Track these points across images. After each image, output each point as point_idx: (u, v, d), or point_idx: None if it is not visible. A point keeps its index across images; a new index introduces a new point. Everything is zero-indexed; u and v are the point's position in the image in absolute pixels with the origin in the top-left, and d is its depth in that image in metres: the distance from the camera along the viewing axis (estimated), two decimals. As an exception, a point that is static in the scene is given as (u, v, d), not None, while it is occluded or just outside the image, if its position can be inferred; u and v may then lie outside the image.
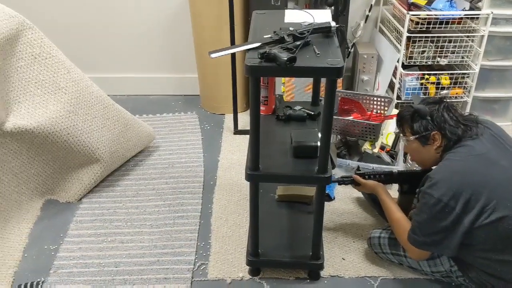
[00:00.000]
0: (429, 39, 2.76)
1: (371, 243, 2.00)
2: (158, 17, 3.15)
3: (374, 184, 2.02)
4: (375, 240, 1.97)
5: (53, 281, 1.93)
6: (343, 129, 2.56)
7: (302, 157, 1.76)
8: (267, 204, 2.22)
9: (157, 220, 2.25)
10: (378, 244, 1.96)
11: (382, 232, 1.97)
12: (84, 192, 2.39)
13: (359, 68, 3.07)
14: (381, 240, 1.96)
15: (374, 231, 2.01)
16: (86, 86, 2.32)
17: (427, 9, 2.72)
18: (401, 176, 2.07)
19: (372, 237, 1.99)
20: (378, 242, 1.96)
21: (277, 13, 1.88)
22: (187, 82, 3.36)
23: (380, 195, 1.96)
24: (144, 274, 1.96)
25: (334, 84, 1.51)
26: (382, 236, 1.96)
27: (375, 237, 1.98)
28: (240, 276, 1.96)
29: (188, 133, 2.96)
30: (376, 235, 1.98)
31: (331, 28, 1.65)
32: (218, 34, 2.84)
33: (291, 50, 1.49)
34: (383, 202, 1.94)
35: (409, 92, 2.86)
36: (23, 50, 2.15)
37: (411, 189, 2.02)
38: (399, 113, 1.89)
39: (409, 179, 2.04)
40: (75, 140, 2.24)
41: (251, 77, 1.50)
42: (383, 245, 1.95)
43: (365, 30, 3.17)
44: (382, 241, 1.95)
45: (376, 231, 2.00)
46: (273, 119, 2.01)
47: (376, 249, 1.98)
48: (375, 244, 1.98)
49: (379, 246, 1.96)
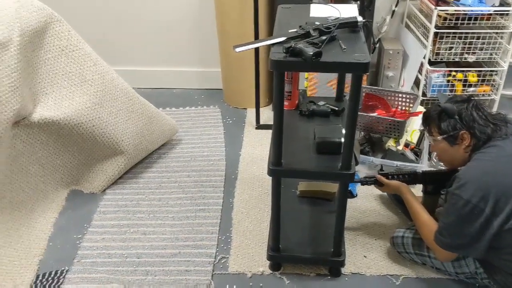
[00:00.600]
0: (457, 35, 2.70)
1: (394, 243, 1.97)
2: (182, 11, 3.16)
3: (398, 184, 1.98)
4: (399, 240, 1.95)
5: (77, 270, 1.96)
6: (367, 125, 2.54)
7: (325, 153, 1.75)
8: (289, 199, 2.21)
9: (179, 212, 2.27)
10: (401, 243, 1.94)
11: (405, 232, 1.95)
12: (108, 183, 2.42)
13: (384, 64, 3.03)
14: (404, 239, 1.93)
15: (398, 230, 1.98)
16: (111, 78, 2.35)
17: (455, 4, 2.66)
18: (425, 176, 2.03)
19: (395, 237, 1.97)
20: (401, 241, 1.94)
21: (303, 7, 1.86)
22: (210, 76, 3.37)
23: (405, 195, 1.93)
24: (166, 265, 1.98)
25: (359, 80, 1.49)
26: (406, 236, 1.93)
27: (399, 236, 1.95)
28: (260, 271, 1.97)
29: (210, 127, 2.97)
30: (399, 235, 1.95)
31: (357, 23, 1.63)
32: (242, 28, 2.83)
33: (316, 45, 1.47)
34: (408, 202, 1.91)
35: (435, 89, 2.81)
36: (51, 42, 2.19)
37: (436, 190, 1.99)
38: (426, 112, 1.85)
39: (434, 180, 2.00)
40: (100, 132, 2.28)
41: (276, 71, 1.49)
42: (406, 245, 1.92)
43: (391, 26, 3.12)
44: (406, 241, 1.92)
45: (399, 230, 1.98)
46: (296, 114, 2.00)
47: (399, 248, 1.96)
48: (398, 244, 1.95)
49: (402, 246, 1.94)
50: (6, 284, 1.87)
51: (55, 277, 1.93)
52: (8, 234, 2.03)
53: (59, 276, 1.93)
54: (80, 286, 1.88)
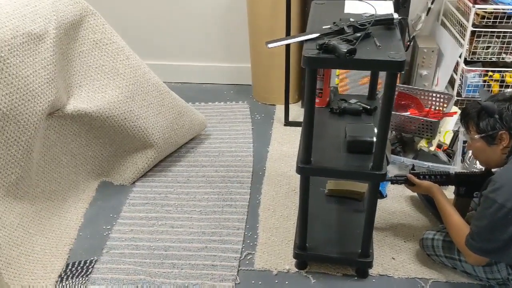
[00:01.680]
0: (495, 34, 2.62)
1: (424, 245, 1.93)
2: (214, 5, 3.17)
3: (430, 184, 1.94)
4: (429, 242, 1.91)
5: (105, 261, 1.99)
6: (399, 125, 2.49)
7: (356, 152, 1.72)
8: (316, 198, 2.19)
9: (206, 207, 2.28)
10: (431, 246, 1.90)
11: (436, 234, 1.90)
12: (137, 175, 2.45)
13: (418, 62, 2.96)
14: (434, 242, 1.89)
15: (428, 233, 1.94)
16: (143, 72, 2.37)
17: (494, 2, 2.58)
18: (458, 178, 1.97)
19: (425, 239, 1.92)
20: (431, 244, 1.89)
21: (337, 3, 1.84)
22: (240, 71, 3.37)
23: (436, 196, 1.88)
24: (192, 259, 1.99)
25: (394, 78, 1.46)
26: (436, 238, 1.89)
27: (429, 238, 1.91)
28: (286, 269, 1.96)
29: (238, 123, 2.97)
30: (429, 237, 1.91)
31: (393, 20, 1.59)
32: (273, 24, 2.81)
33: (351, 42, 1.45)
34: (439, 203, 1.86)
35: (471, 89, 2.73)
36: (85, 35, 2.22)
37: (469, 192, 1.93)
38: (464, 109, 1.78)
39: (467, 182, 1.94)
40: (131, 124, 2.30)
41: (308, 68, 1.47)
42: (437, 248, 1.88)
43: (426, 23, 3.05)
44: (436, 243, 1.88)
45: (429, 233, 1.93)
46: (327, 112, 1.97)
47: (429, 251, 1.91)
48: (428, 246, 1.91)
49: (432, 248, 1.90)
50: (37, 272, 1.92)
51: (84, 266, 1.97)
52: (40, 222, 2.08)
53: (88, 266, 1.97)
54: (108, 276, 1.91)
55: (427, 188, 1.95)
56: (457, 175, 1.98)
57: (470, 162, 2.47)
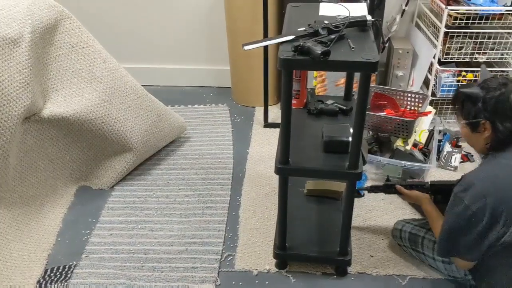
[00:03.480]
0: (468, 35, 2.68)
1: (394, 235, 2.02)
2: (192, 8, 3.17)
3: (418, 194, 1.95)
4: (397, 233, 1.99)
5: (85, 265, 1.98)
6: (375, 125, 2.53)
7: (333, 152, 1.75)
8: (296, 198, 2.21)
9: (187, 209, 2.28)
10: (399, 236, 1.98)
11: (404, 226, 1.97)
12: (116, 179, 2.44)
13: (394, 63, 3.01)
14: (402, 233, 1.96)
15: (397, 223, 2.02)
16: (121, 76, 2.36)
17: (466, 4, 2.64)
18: (433, 187, 2.00)
19: (395, 229, 2.01)
20: (399, 234, 1.98)
21: (312, 5, 1.86)
22: (219, 74, 3.38)
23: (424, 206, 1.89)
24: (173, 262, 1.99)
25: (368, 79, 1.49)
26: (404, 230, 1.96)
27: (397, 229, 1.99)
28: (266, 269, 1.97)
29: (218, 125, 2.97)
30: (398, 227, 1.99)
31: (367, 22, 1.63)
32: (251, 26, 2.83)
33: (325, 44, 1.47)
34: (428, 212, 1.85)
35: (445, 89, 2.79)
36: (62, 39, 2.21)
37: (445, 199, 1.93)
38: (455, 92, 1.71)
39: (443, 190, 1.95)
40: (109, 128, 2.29)
41: (284, 70, 1.49)
42: (404, 239, 1.95)
43: (401, 25, 3.10)
44: (403, 235, 1.95)
45: (399, 223, 2.01)
46: (304, 113, 2.00)
47: (398, 240, 2.00)
48: (396, 236, 2.00)
49: (400, 239, 1.98)
50: (15, 278, 1.90)
51: (63, 271, 1.95)
52: (18, 228, 2.06)
53: (67, 271, 1.95)
54: (88, 281, 1.90)
55: (416, 198, 1.96)
56: (432, 185, 2.00)
57: (445, 160, 2.53)
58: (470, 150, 2.67)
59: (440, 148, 2.58)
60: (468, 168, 2.55)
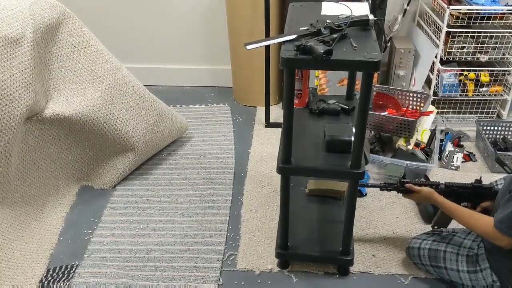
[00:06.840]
0: (469, 34, 2.68)
1: (410, 254, 1.93)
2: (193, 8, 3.17)
3: (430, 190, 1.87)
4: (415, 251, 1.90)
5: (87, 265, 1.98)
6: (377, 124, 2.53)
7: (334, 151, 1.74)
8: (298, 197, 2.21)
9: (188, 209, 2.28)
10: (417, 255, 1.89)
11: (422, 243, 1.89)
12: (118, 179, 2.44)
13: (395, 63, 3.01)
14: (421, 251, 1.88)
15: (414, 241, 1.93)
16: (122, 75, 2.36)
17: (468, 3, 2.64)
18: (448, 189, 1.92)
19: (412, 248, 1.92)
20: (417, 253, 1.89)
21: (314, 5, 1.86)
22: (220, 74, 3.38)
23: (439, 200, 1.83)
24: (175, 261, 1.99)
25: (370, 78, 1.49)
26: (422, 247, 1.88)
27: (415, 248, 1.90)
28: (268, 268, 1.97)
29: (220, 125, 2.97)
30: (415, 246, 1.90)
31: (369, 21, 1.62)
32: (253, 26, 2.83)
33: (327, 43, 1.47)
34: (445, 204, 1.80)
35: (447, 88, 2.79)
36: (64, 39, 2.21)
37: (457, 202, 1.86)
38: None
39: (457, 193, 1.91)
40: (111, 128, 2.29)
41: (286, 69, 1.49)
42: (423, 257, 1.87)
43: (403, 24, 3.10)
44: (422, 252, 1.88)
45: (415, 241, 1.92)
46: (306, 113, 1.99)
47: (416, 260, 1.92)
48: (414, 256, 1.91)
49: (418, 257, 1.89)
50: (17, 278, 1.90)
51: (65, 271, 1.95)
52: (20, 228, 2.06)
53: (69, 271, 1.95)
54: (90, 281, 1.90)
55: (427, 193, 1.87)
56: (446, 186, 1.93)
57: (447, 160, 2.53)
58: (472, 149, 2.67)
59: (442, 148, 2.58)
60: (470, 167, 2.54)
